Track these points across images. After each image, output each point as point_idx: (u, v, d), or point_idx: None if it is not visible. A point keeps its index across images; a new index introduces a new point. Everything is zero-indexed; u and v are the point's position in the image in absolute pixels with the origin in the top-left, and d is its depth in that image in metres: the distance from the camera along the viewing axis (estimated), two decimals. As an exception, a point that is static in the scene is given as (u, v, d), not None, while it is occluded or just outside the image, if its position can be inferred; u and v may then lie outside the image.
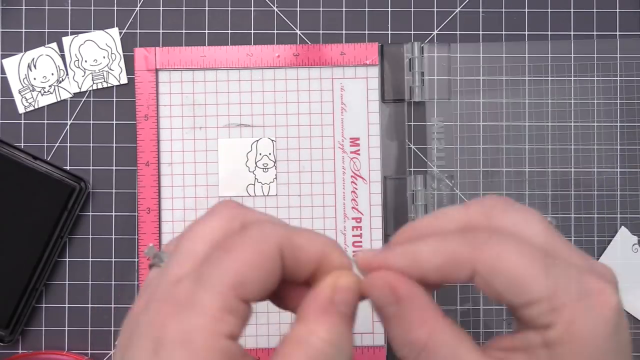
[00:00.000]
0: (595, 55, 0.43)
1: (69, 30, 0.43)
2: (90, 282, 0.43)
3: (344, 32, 0.44)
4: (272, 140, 0.43)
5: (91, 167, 0.43)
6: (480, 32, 0.44)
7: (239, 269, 0.22)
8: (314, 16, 0.44)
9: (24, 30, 0.43)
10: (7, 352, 0.42)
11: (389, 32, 0.44)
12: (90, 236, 0.43)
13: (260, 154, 0.43)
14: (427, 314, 0.23)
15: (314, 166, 0.43)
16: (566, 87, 0.43)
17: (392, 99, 0.43)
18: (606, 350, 0.22)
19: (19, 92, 0.43)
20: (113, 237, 0.43)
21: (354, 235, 0.43)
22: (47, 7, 0.43)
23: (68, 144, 0.43)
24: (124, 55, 0.43)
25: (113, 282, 0.43)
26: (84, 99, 0.43)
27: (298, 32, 0.44)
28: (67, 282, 0.43)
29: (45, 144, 0.43)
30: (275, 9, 0.44)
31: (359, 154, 0.43)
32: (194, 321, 0.21)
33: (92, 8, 0.43)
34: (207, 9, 0.44)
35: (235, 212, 0.25)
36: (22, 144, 0.43)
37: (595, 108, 0.43)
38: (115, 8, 0.43)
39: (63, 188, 0.42)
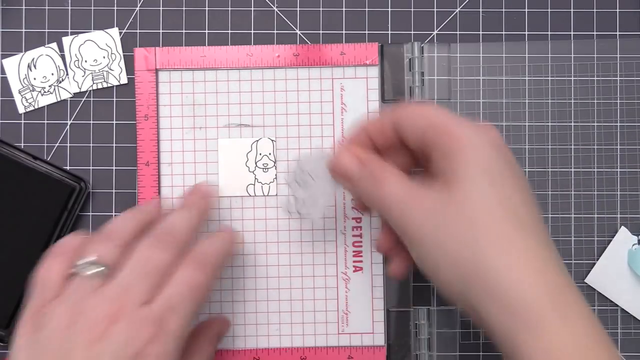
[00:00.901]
0: (595, 55, 0.43)
1: (69, 30, 0.43)
2: (90, 282, 0.43)
3: (344, 32, 0.44)
4: (272, 140, 0.43)
5: (91, 167, 0.43)
6: (480, 32, 0.44)
7: None
8: (314, 16, 0.44)
9: (24, 30, 0.43)
10: (7, 352, 0.42)
11: (389, 32, 0.44)
12: (90, 236, 0.43)
13: (260, 154, 0.43)
14: (383, 163, 0.35)
15: (314, 166, 0.43)
16: (566, 87, 0.43)
17: (392, 99, 0.43)
18: (492, 157, 0.32)
19: (19, 92, 0.43)
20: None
21: (354, 235, 0.43)
22: (47, 7, 0.43)
23: (68, 144, 0.43)
24: (124, 55, 0.43)
25: (113, 282, 0.43)
26: (84, 99, 0.43)
27: (298, 32, 0.44)
28: (67, 282, 0.43)
29: (45, 144, 0.43)
30: (275, 9, 0.44)
31: (359, 154, 0.43)
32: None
33: (92, 8, 0.43)
34: (207, 9, 0.44)
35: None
36: (22, 144, 0.43)
37: (595, 108, 0.43)
38: (115, 8, 0.43)
39: (63, 188, 0.42)
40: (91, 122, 0.43)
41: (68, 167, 0.43)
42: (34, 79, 0.43)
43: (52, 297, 0.33)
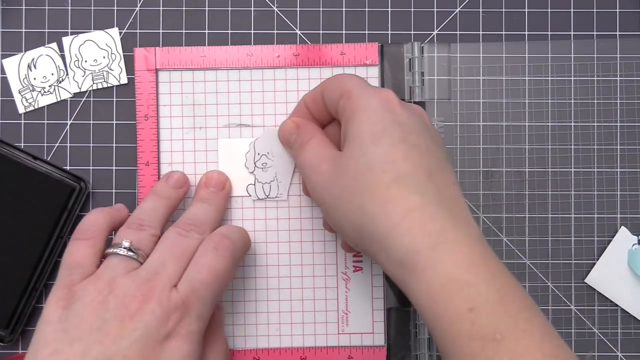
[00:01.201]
0: (595, 55, 0.43)
1: (69, 30, 0.43)
2: (90, 282, 0.43)
3: (344, 32, 0.44)
4: (272, 140, 0.43)
5: (91, 167, 0.43)
6: (480, 32, 0.44)
7: None
8: (314, 16, 0.44)
9: (24, 30, 0.43)
10: (7, 352, 0.42)
11: (389, 32, 0.44)
12: (90, 236, 0.43)
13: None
14: (312, 129, 0.38)
15: (314, 166, 0.43)
16: (566, 87, 0.43)
17: (392, 99, 0.43)
18: (383, 118, 0.34)
19: (19, 92, 0.43)
20: (113, 237, 0.43)
21: (354, 235, 0.43)
22: (47, 7, 0.43)
23: (68, 144, 0.43)
24: (124, 55, 0.43)
25: (113, 282, 0.43)
26: (84, 99, 0.43)
27: (298, 32, 0.44)
28: (67, 282, 0.43)
29: (45, 144, 0.43)
30: (275, 9, 0.44)
31: (359, 154, 0.43)
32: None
33: (92, 8, 0.43)
34: (207, 9, 0.44)
35: None
36: (22, 144, 0.43)
37: (595, 108, 0.43)
38: (115, 8, 0.43)
39: (63, 188, 0.42)
40: (91, 122, 0.43)
41: (68, 167, 0.43)
42: (34, 79, 0.43)
43: (81, 278, 0.35)
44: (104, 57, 0.43)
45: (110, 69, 0.43)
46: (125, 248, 0.36)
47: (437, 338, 0.31)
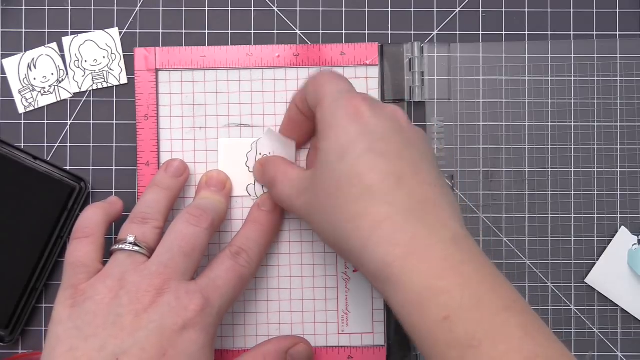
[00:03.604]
0: (595, 55, 0.43)
1: (69, 30, 0.43)
2: (90, 282, 0.43)
3: (344, 32, 0.44)
4: (272, 140, 0.43)
5: (91, 167, 0.43)
6: (480, 32, 0.44)
7: None
8: (314, 16, 0.44)
9: (24, 30, 0.43)
10: (7, 352, 0.42)
11: (389, 32, 0.44)
12: (90, 236, 0.43)
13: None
14: (275, 164, 0.39)
15: (314, 166, 0.43)
16: (566, 87, 0.43)
17: (392, 99, 0.43)
18: (347, 132, 0.33)
19: (19, 92, 0.43)
20: (113, 237, 0.43)
21: (354, 235, 0.43)
22: (47, 7, 0.43)
23: (68, 144, 0.43)
24: (124, 55, 0.43)
25: (113, 282, 0.43)
26: (84, 99, 0.43)
27: (298, 32, 0.44)
28: (67, 282, 0.43)
29: (45, 144, 0.43)
30: (275, 9, 0.44)
31: (359, 154, 0.43)
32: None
33: (92, 8, 0.43)
34: (207, 9, 0.44)
35: None
36: (22, 144, 0.43)
37: (595, 108, 0.43)
38: (115, 8, 0.43)
39: (63, 188, 0.42)
40: (91, 122, 0.43)
41: (68, 167, 0.43)
42: (34, 79, 0.43)
43: (87, 277, 0.35)
44: (104, 57, 0.43)
45: (110, 69, 0.43)
46: (130, 243, 0.36)
47: (418, 346, 0.31)
